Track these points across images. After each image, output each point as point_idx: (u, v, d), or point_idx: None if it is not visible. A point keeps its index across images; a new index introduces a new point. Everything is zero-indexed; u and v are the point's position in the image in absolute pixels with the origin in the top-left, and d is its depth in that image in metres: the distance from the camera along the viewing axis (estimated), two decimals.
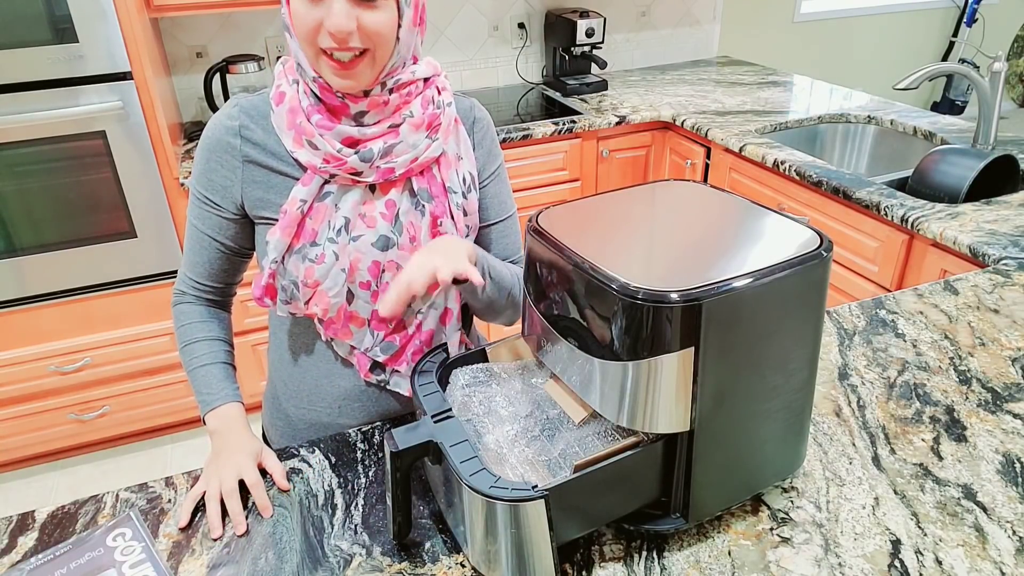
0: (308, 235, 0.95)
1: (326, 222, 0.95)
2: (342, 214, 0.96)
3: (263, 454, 0.97)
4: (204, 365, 1.03)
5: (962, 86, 4.17)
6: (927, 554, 0.81)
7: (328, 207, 0.95)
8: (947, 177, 1.85)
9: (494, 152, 1.09)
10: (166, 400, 2.34)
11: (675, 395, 0.73)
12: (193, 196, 1.00)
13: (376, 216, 0.97)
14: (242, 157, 0.96)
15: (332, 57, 0.87)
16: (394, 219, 0.98)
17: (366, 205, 0.97)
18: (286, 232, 0.95)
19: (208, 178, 0.98)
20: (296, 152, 0.94)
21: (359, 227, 0.96)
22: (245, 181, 0.97)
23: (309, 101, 0.93)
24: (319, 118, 0.92)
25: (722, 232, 0.81)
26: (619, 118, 2.48)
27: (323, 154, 0.92)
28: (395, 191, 0.98)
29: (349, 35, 0.85)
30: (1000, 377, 1.10)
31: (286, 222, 0.94)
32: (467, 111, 1.05)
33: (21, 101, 1.85)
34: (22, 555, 0.86)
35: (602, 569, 0.81)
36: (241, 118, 0.97)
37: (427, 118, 0.96)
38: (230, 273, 1.07)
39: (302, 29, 0.86)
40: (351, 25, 0.85)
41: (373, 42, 0.87)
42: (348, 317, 1.00)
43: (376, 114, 0.94)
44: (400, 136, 0.95)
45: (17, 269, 2.02)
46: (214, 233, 1.00)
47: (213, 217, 0.99)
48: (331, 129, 0.92)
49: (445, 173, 1.00)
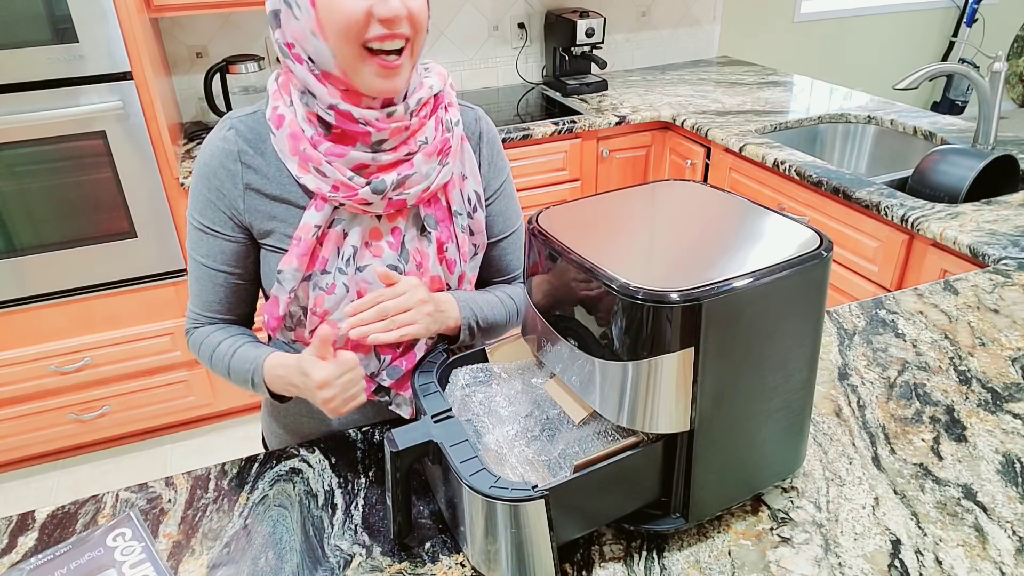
0: (319, 263, 0.92)
1: (335, 250, 0.92)
2: (350, 243, 0.93)
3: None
4: (233, 354, 0.97)
5: (962, 86, 4.17)
6: (927, 554, 0.81)
7: (338, 234, 0.92)
8: (947, 177, 1.85)
9: (500, 166, 1.06)
10: (166, 400, 2.34)
11: (675, 395, 0.73)
12: (195, 229, 0.95)
13: (383, 245, 0.94)
14: (244, 183, 0.92)
15: (380, 56, 0.82)
16: (400, 247, 0.96)
17: (372, 234, 0.94)
18: (302, 261, 0.91)
19: (212, 205, 0.93)
20: (303, 178, 0.89)
21: (366, 257, 0.94)
22: (248, 209, 0.93)
23: (315, 131, 0.88)
24: (328, 146, 0.87)
25: (722, 232, 0.81)
26: (619, 118, 2.48)
27: (332, 181, 0.88)
28: (401, 220, 0.95)
29: (401, 21, 0.81)
30: (1000, 377, 1.10)
31: (302, 249, 0.90)
32: (472, 124, 1.02)
33: (21, 101, 1.85)
34: (22, 555, 0.86)
35: (602, 569, 0.81)
36: (238, 142, 0.91)
37: (440, 144, 0.93)
38: (244, 303, 1.01)
39: (347, 21, 0.79)
40: (403, 10, 0.81)
41: (415, 28, 0.83)
42: (355, 345, 0.96)
43: (395, 140, 0.90)
44: (415, 167, 0.91)
45: (17, 269, 2.02)
46: (221, 263, 0.96)
47: (223, 245, 0.95)
48: (342, 156, 0.87)
49: (451, 195, 0.97)
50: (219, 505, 0.92)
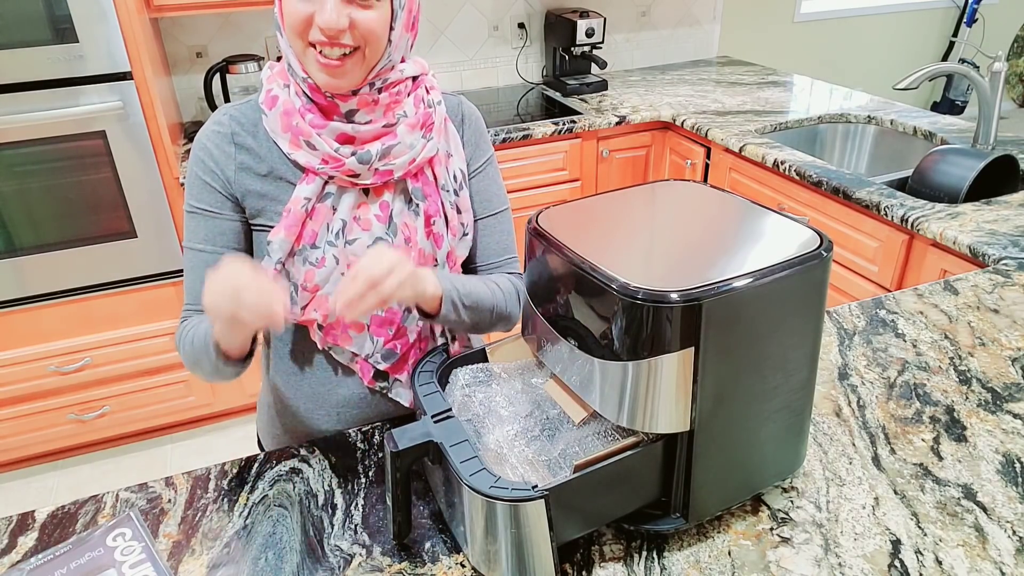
0: (308, 237, 0.95)
1: (325, 224, 0.95)
2: (339, 216, 0.95)
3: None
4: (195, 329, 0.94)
5: (962, 86, 4.17)
6: (927, 554, 0.81)
7: (327, 209, 0.95)
8: (947, 177, 1.84)
9: (482, 147, 1.07)
10: (166, 400, 2.34)
11: (675, 395, 0.73)
12: (191, 215, 0.96)
13: (371, 219, 0.96)
14: (236, 163, 0.95)
15: (321, 53, 0.86)
16: (388, 221, 0.97)
17: (360, 208, 0.96)
18: (290, 231, 0.93)
19: (207, 187, 0.95)
20: (294, 154, 0.93)
21: (354, 230, 0.96)
22: (241, 188, 0.95)
23: (302, 102, 0.92)
24: (312, 117, 0.92)
25: (722, 232, 0.81)
26: (619, 118, 2.48)
27: (321, 154, 0.92)
28: (388, 193, 0.97)
29: (340, 33, 0.84)
30: (1000, 377, 1.10)
31: (290, 221, 0.93)
32: (455, 107, 1.05)
33: (21, 101, 1.85)
34: (22, 555, 0.86)
35: (602, 569, 0.81)
36: (231, 125, 0.95)
37: (421, 117, 0.96)
38: None
39: (292, 21, 0.85)
40: (342, 23, 0.84)
41: (365, 40, 0.86)
42: (348, 325, 0.99)
43: (366, 113, 0.93)
44: (398, 137, 0.94)
45: (17, 269, 2.02)
46: (220, 246, 0.96)
47: (221, 225, 0.95)
48: (324, 127, 0.91)
49: (438, 171, 1.00)
50: (219, 505, 0.92)
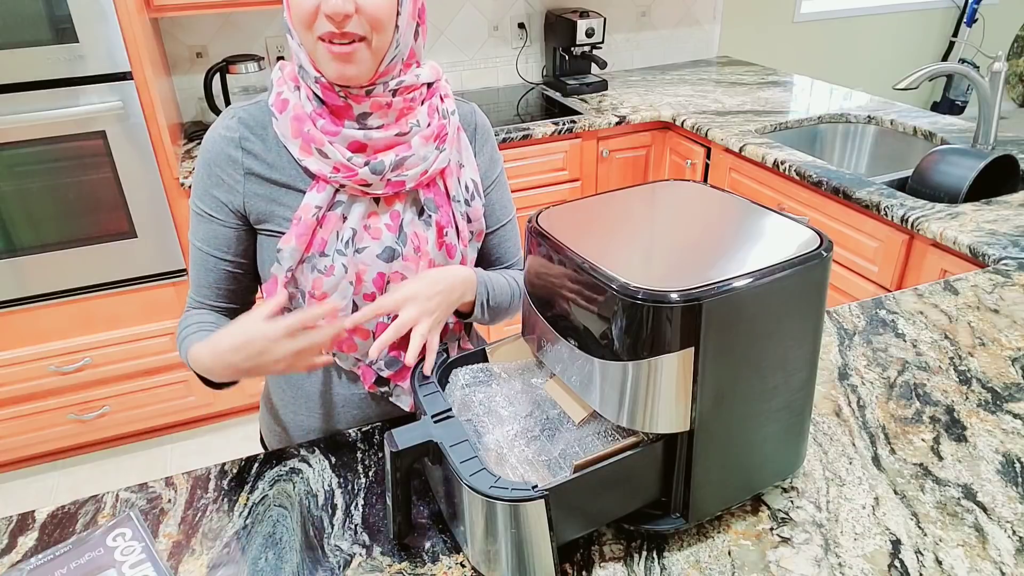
0: (318, 245, 0.94)
1: (335, 233, 0.94)
2: (349, 225, 0.94)
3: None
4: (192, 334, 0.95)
5: (962, 86, 4.17)
6: (927, 554, 0.81)
7: (337, 217, 0.94)
8: (947, 177, 1.84)
9: (495, 158, 1.09)
10: (166, 400, 2.34)
11: (675, 395, 0.73)
12: (195, 214, 0.98)
13: (381, 228, 0.96)
14: (244, 170, 0.94)
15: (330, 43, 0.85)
16: (399, 230, 0.97)
17: (371, 217, 0.96)
18: (301, 240, 0.92)
19: (210, 192, 0.95)
20: (305, 160, 0.92)
21: (364, 239, 0.95)
22: (247, 194, 0.95)
23: (313, 106, 0.91)
24: (324, 123, 0.90)
25: (722, 232, 0.81)
26: (619, 118, 2.48)
27: (333, 162, 0.91)
28: (399, 203, 0.97)
29: (346, 19, 0.83)
30: (1000, 377, 1.10)
31: (301, 229, 0.92)
32: (468, 117, 1.05)
33: (21, 101, 1.85)
34: (22, 555, 0.86)
35: (602, 569, 0.81)
36: (240, 129, 0.94)
37: (436, 129, 0.95)
38: (239, 294, 1.02)
39: (300, 13, 0.85)
40: (348, 7, 0.83)
41: (371, 27, 0.85)
42: (354, 329, 0.99)
43: (379, 117, 0.92)
44: (412, 149, 0.93)
45: (17, 269, 2.02)
46: (214, 248, 0.97)
47: (217, 231, 0.96)
48: (337, 134, 0.90)
49: (449, 182, 0.99)
50: (219, 505, 0.92)
